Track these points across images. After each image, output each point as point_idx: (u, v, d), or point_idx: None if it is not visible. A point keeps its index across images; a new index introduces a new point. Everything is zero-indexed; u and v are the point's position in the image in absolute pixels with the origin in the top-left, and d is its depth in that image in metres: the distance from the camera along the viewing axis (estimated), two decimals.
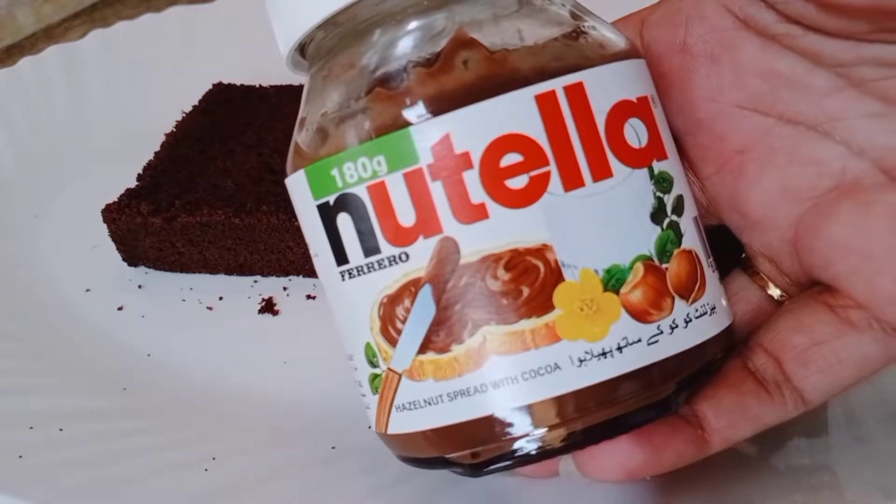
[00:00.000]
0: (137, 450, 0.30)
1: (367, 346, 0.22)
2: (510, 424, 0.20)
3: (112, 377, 0.34)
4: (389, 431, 0.22)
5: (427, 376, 0.21)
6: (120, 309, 0.38)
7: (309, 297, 0.38)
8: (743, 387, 0.23)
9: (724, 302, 0.23)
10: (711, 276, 0.22)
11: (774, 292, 0.25)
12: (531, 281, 0.20)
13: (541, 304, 0.20)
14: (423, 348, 0.20)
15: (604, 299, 0.20)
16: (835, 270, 0.23)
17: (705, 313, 0.21)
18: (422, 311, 0.20)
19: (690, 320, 0.21)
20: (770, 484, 0.26)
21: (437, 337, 0.20)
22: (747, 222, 0.24)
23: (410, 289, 0.20)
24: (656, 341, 0.20)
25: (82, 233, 0.42)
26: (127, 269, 0.41)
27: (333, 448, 0.30)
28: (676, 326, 0.21)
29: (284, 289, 0.39)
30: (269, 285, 0.39)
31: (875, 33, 0.20)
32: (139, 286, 0.40)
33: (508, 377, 0.20)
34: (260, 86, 0.48)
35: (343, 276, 0.22)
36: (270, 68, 0.51)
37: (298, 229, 0.38)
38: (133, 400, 0.33)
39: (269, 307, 0.38)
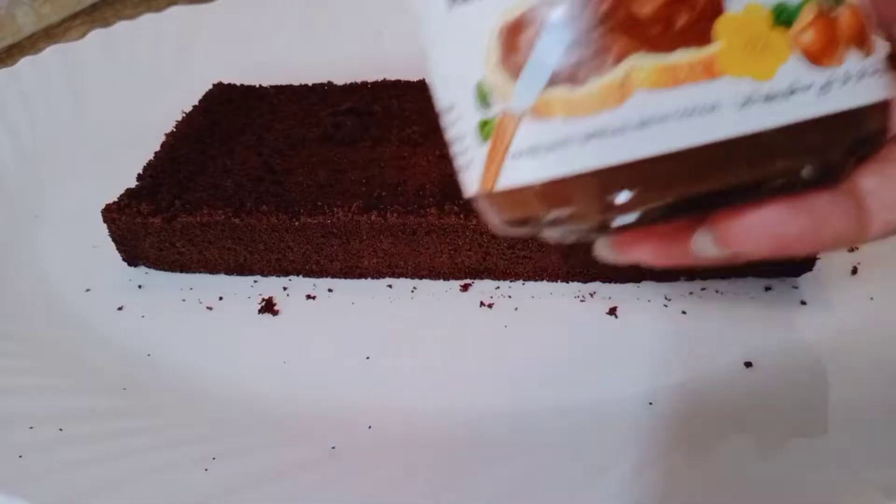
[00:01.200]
0: (137, 450, 0.30)
1: (479, 85, 0.19)
2: (659, 172, 0.17)
3: (112, 377, 0.34)
4: (498, 187, 0.19)
5: (555, 114, 0.18)
6: (120, 309, 0.38)
7: (309, 297, 0.38)
8: None
9: (887, 72, 0.20)
10: (881, 43, 0.20)
11: None
12: (688, 7, 0.17)
13: (698, 33, 0.17)
14: (553, 81, 0.17)
15: (772, 36, 0.17)
16: None
17: (877, 71, 0.19)
18: (554, 36, 0.17)
19: (864, 76, 0.18)
20: (770, 483, 0.26)
21: (572, 68, 0.17)
22: None
23: (540, 9, 0.17)
24: (828, 91, 0.18)
25: (82, 233, 0.42)
26: (127, 269, 0.41)
27: (333, 448, 0.30)
28: (850, 78, 0.18)
29: (284, 289, 0.39)
30: (269, 285, 0.39)
31: None
32: (139, 286, 0.40)
33: (657, 115, 0.17)
34: (260, 86, 0.48)
35: (450, 0, 0.19)
36: (270, 68, 0.52)
37: (298, 229, 0.38)
38: (133, 400, 0.33)
39: (269, 307, 0.38)
